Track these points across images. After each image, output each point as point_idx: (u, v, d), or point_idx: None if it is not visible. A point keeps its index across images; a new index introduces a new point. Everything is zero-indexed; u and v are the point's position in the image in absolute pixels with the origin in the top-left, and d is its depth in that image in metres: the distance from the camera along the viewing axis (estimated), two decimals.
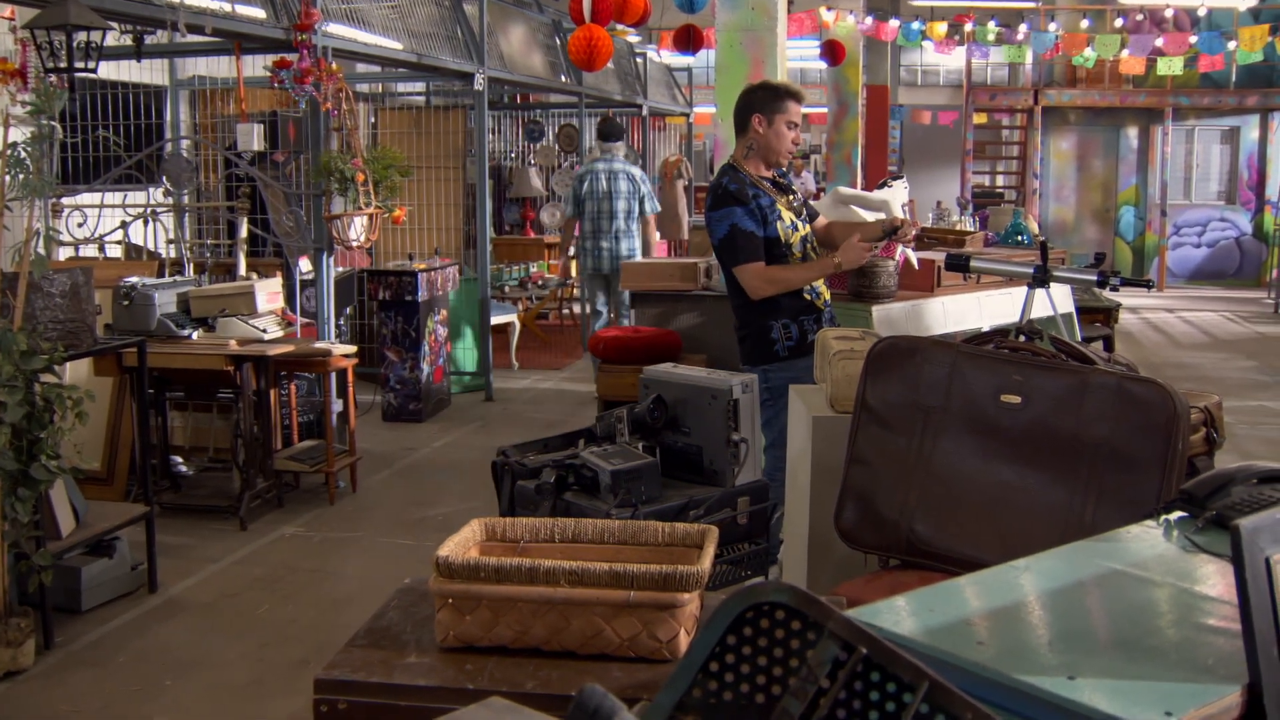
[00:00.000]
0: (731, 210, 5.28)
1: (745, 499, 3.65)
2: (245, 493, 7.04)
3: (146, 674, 5.08)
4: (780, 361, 5.34)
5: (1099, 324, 8.76)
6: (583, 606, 2.28)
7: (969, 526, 3.80)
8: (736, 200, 5.27)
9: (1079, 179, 22.19)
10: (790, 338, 5.35)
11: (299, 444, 7.81)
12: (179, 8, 6.28)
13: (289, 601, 5.92)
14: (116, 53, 7.35)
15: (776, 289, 5.31)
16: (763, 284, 5.28)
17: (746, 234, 5.26)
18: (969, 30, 17.09)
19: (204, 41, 7.92)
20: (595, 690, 1.36)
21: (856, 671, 1.41)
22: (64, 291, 5.49)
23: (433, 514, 7.29)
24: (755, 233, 5.26)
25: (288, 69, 7.19)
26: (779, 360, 5.34)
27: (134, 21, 6.71)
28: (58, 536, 5.43)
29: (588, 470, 3.46)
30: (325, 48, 7.70)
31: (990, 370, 3.86)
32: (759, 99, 5.40)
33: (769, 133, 5.34)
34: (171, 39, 8.50)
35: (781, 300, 5.32)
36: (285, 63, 7.19)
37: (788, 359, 5.34)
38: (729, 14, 7.97)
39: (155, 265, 8.26)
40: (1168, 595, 2.04)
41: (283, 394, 7.81)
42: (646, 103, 15.90)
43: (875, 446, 3.99)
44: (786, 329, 5.35)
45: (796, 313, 5.35)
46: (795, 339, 5.35)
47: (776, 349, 5.35)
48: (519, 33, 12.42)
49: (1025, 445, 3.74)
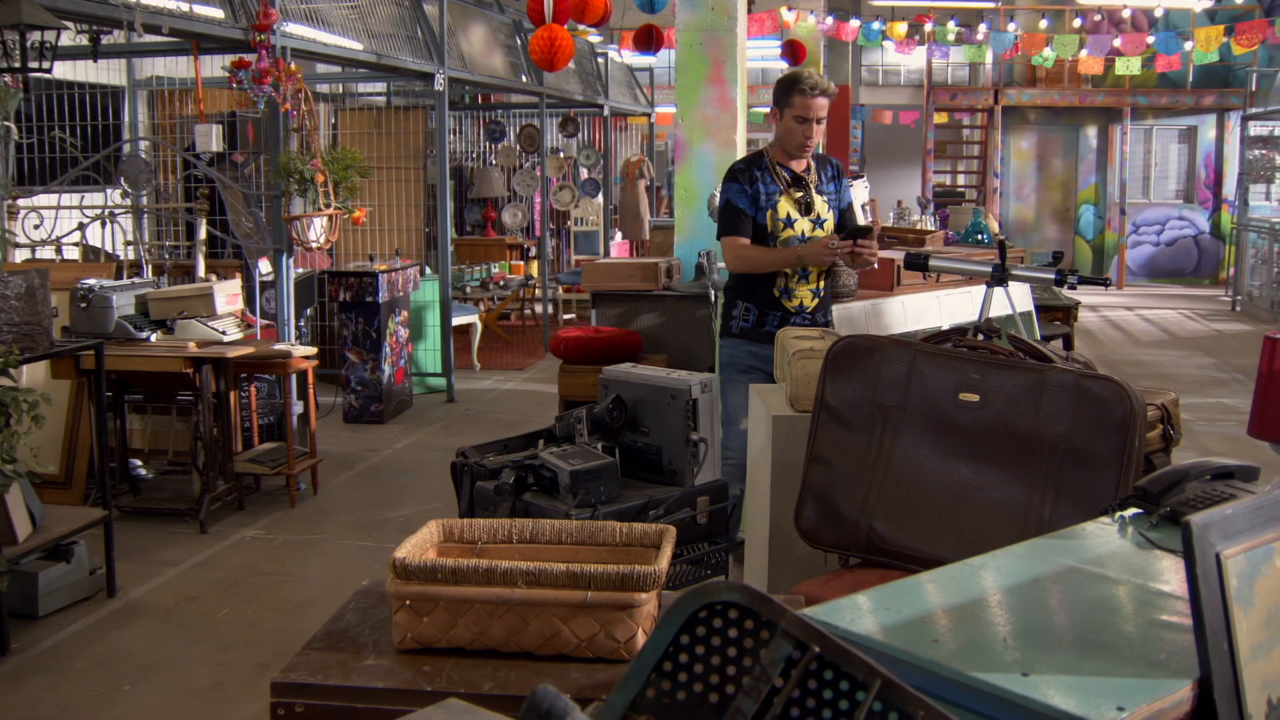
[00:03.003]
0: (730, 185, 5.47)
1: (705, 498, 3.65)
2: (205, 495, 7.00)
3: (105, 679, 5.04)
4: (731, 337, 5.50)
5: (1058, 322, 8.80)
6: (540, 607, 2.27)
7: (928, 525, 3.81)
8: (737, 177, 5.47)
9: (1039, 178, 22.31)
10: (746, 320, 5.48)
11: (259, 446, 7.77)
12: (135, 7, 6.23)
13: (249, 605, 5.89)
14: (73, 53, 7.30)
15: (744, 266, 5.48)
16: (733, 258, 5.47)
17: (737, 210, 5.43)
18: (929, 30, 17.15)
19: (161, 41, 7.87)
20: (548, 691, 1.36)
21: (810, 670, 1.41)
22: (19, 294, 5.44)
23: (394, 516, 7.26)
24: (745, 210, 5.42)
25: (246, 69, 7.16)
26: (731, 335, 5.50)
27: (89, 21, 6.66)
28: (14, 541, 5.38)
29: (547, 471, 3.46)
30: (284, 48, 7.66)
31: (949, 369, 3.87)
32: (777, 91, 5.53)
33: (780, 125, 5.49)
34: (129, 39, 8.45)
35: (755, 287, 5.45)
36: (244, 63, 7.16)
37: (738, 336, 5.48)
38: (689, 14, 7.96)
39: (113, 267, 8.22)
40: (1123, 591, 2.05)
41: (243, 396, 7.77)
42: (608, 103, 15.88)
43: (835, 445, 4.00)
44: (747, 311, 5.48)
45: (762, 303, 5.45)
46: (750, 323, 5.47)
47: (731, 324, 5.51)
48: (479, 33, 12.39)
49: (984, 443, 3.76)
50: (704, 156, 7.88)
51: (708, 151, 7.88)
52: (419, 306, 10.77)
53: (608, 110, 16.07)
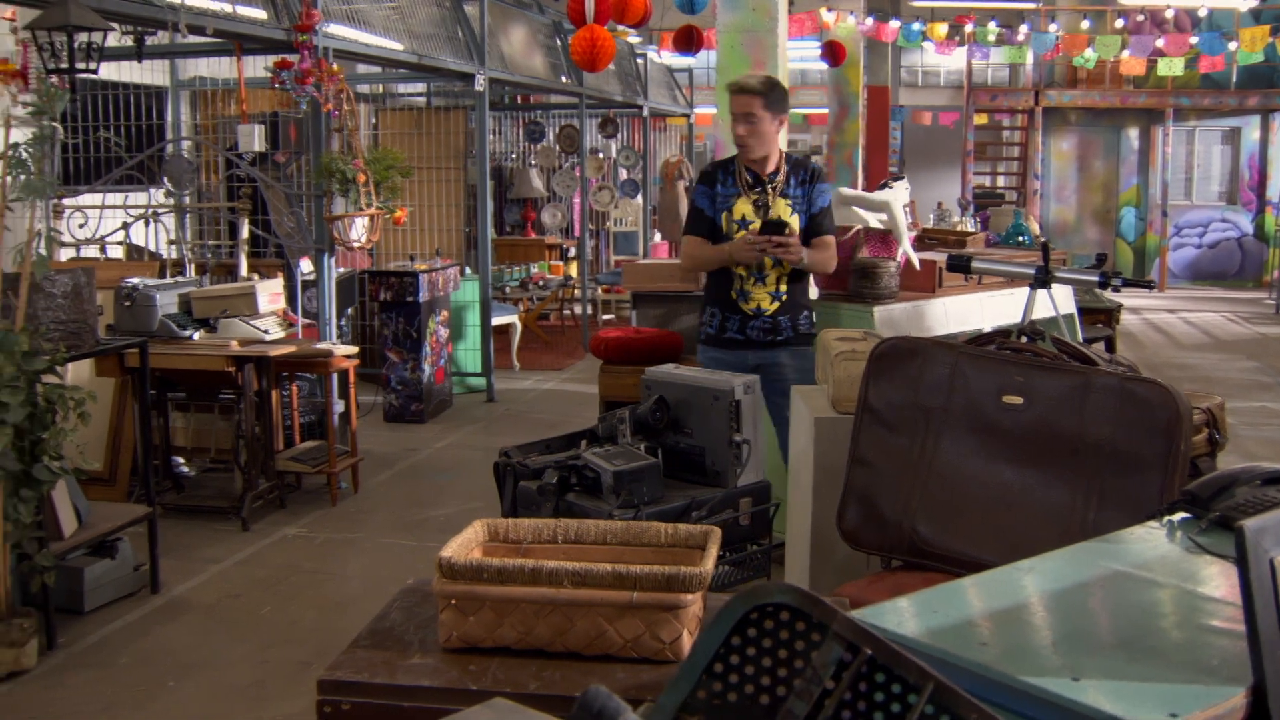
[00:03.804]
0: (698, 186, 5.65)
1: (747, 499, 3.64)
2: (247, 493, 7.04)
3: (149, 675, 5.08)
4: (700, 344, 5.68)
5: (1100, 325, 8.76)
6: (586, 607, 2.28)
7: (971, 527, 3.80)
8: (703, 179, 5.63)
9: (1080, 180, 22.20)
10: (711, 326, 5.60)
11: (301, 445, 7.80)
12: (180, 8, 6.28)
13: (291, 602, 5.92)
14: (118, 53, 7.35)
15: (690, 264, 5.75)
16: (683, 255, 5.71)
17: (696, 210, 5.58)
18: (969, 31, 17.08)
19: (205, 42, 7.92)
20: (599, 691, 1.36)
21: (861, 672, 1.41)
22: (66, 292, 5.49)
23: (435, 515, 7.28)
24: (704, 210, 5.54)
25: (288, 70, 7.19)
26: (700, 342, 5.68)
27: (135, 22, 6.71)
28: (60, 537, 5.43)
29: (590, 471, 3.46)
30: (326, 48, 7.70)
31: (992, 371, 3.86)
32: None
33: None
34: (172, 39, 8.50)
35: (716, 290, 5.57)
36: (286, 63, 7.19)
37: (704, 342, 5.64)
38: (730, 15, 7.96)
39: (156, 266, 8.27)
40: (1171, 596, 2.04)
41: (284, 395, 7.80)
42: (647, 103, 15.88)
43: (878, 447, 3.99)
44: (712, 316, 5.60)
45: (721, 305, 5.55)
46: (714, 330, 5.58)
47: (701, 331, 5.68)
48: (520, 33, 12.42)
49: (1027, 446, 3.75)
50: None
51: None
52: (459, 306, 10.80)
53: (647, 111, 16.08)
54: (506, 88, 14.44)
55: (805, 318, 5.56)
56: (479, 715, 1.72)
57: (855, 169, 16.65)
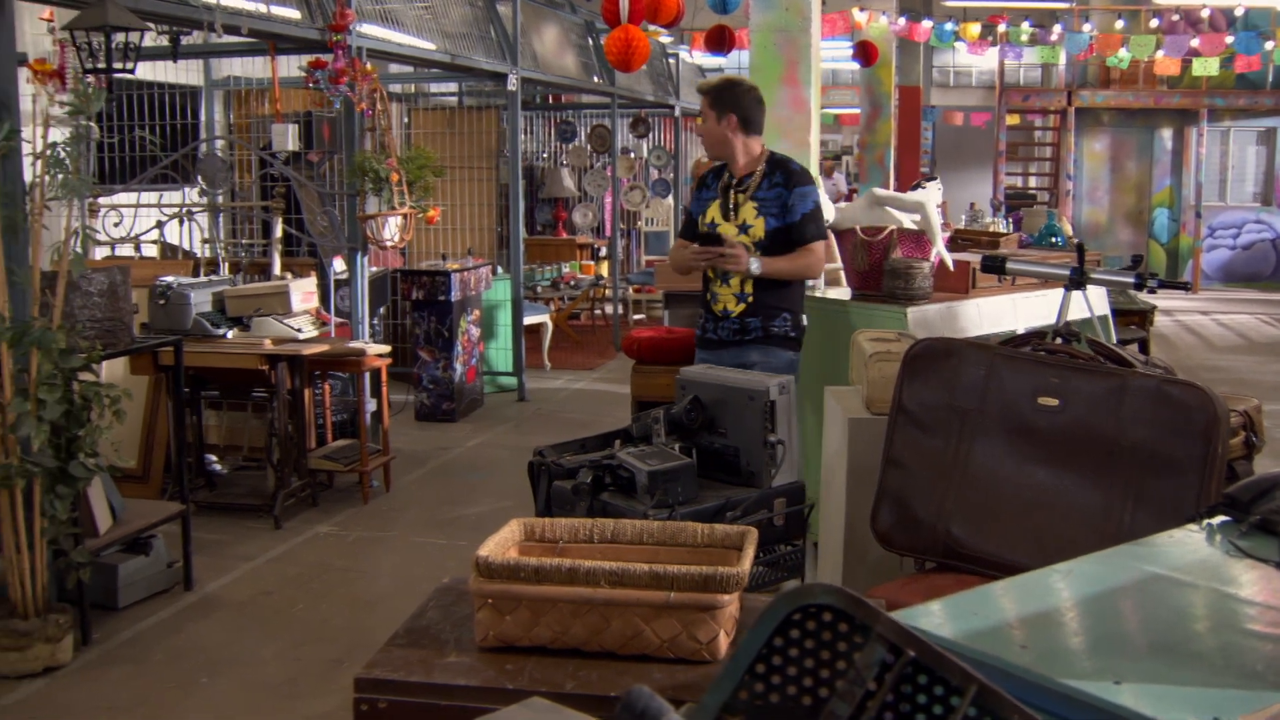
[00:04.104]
0: (695, 189, 5.78)
1: (781, 500, 3.64)
2: (280, 491, 7.07)
3: (182, 671, 5.10)
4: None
5: (1134, 326, 8.71)
6: (623, 607, 2.28)
7: (1006, 529, 3.79)
8: (699, 181, 5.74)
9: (1112, 180, 22.08)
10: (699, 328, 5.65)
11: (333, 443, 7.83)
12: (215, 9, 6.30)
13: (323, 600, 5.94)
14: (152, 53, 7.39)
15: (669, 266, 5.97)
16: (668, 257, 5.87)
17: (687, 212, 5.76)
18: (1002, 31, 17.02)
19: (239, 42, 7.95)
20: (642, 691, 1.36)
21: (904, 674, 1.41)
22: (102, 290, 5.52)
23: (466, 514, 7.30)
24: (692, 213, 5.65)
25: (323, 69, 7.21)
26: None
27: (171, 22, 6.74)
28: (95, 534, 5.47)
29: (624, 471, 3.46)
30: (359, 48, 7.72)
31: (1028, 372, 3.85)
32: None
33: None
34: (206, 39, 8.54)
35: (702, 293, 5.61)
36: (320, 63, 7.22)
37: (697, 345, 5.66)
38: (763, 14, 7.94)
39: (190, 265, 8.31)
40: (1211, 600, 2.02)
41: (317, 393, 7.83)
42: (679, 103, 15.88)
43: (912, 449, 3.99)
44: (698, 318, 5.67)
45: (703, 307, 5.60)
46: (700, 331, 5.62)
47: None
48: (552, 33, 12.43)
49: (1063, 448, 3.73)
50: None
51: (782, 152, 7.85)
52: (490, 305, 10.82)
53: (679, 111, 16.07)
54: (538, 87, 14.45)
55: (783, 320, 5.42)
56: (517, 715, 1.73)
57: (887, 169, 16.62)
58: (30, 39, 7.77)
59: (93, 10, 5.52)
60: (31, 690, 4.89)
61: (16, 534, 4.98)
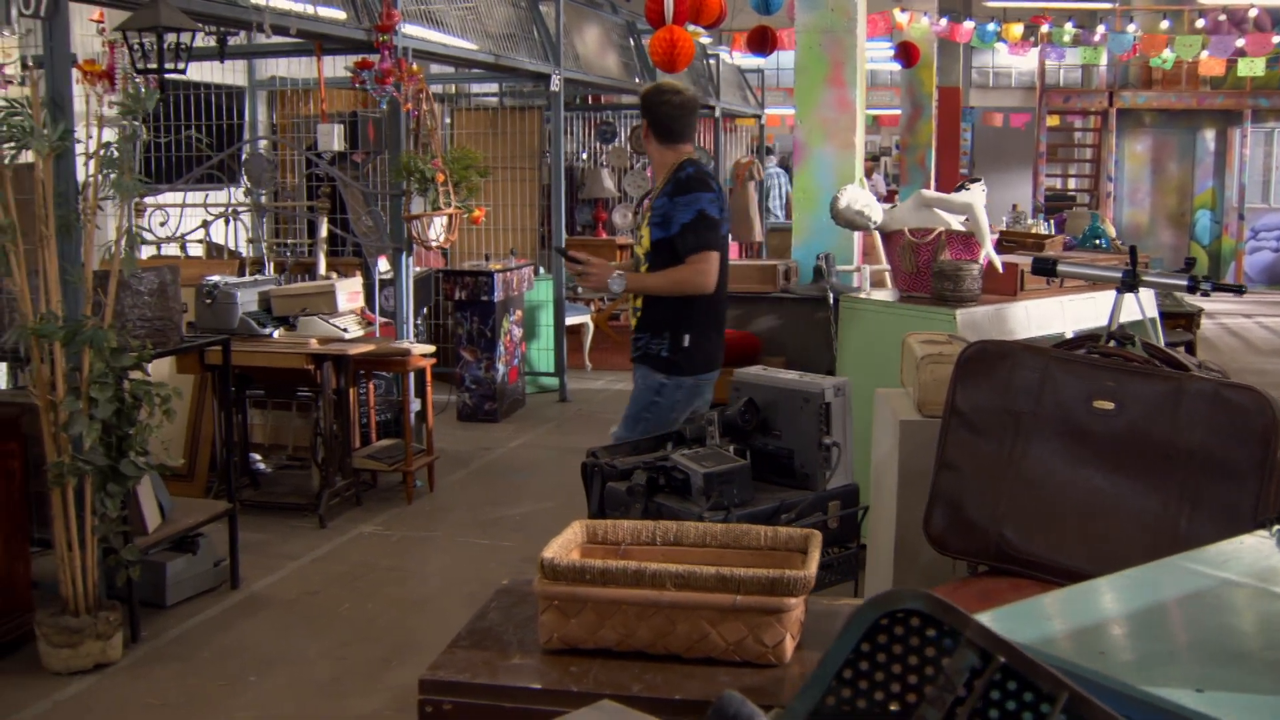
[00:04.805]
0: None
1: (836, 503, 3.62)
2: (325, 491, 7.08)
3: (230, 670, 5.12)
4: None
5: (1180, 329, 8.65)
6: (689, 610, 2.27)
7: (1060, 533, 3.76)
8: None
9: (1154, 182, 21.93)
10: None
11: (377, 443, 7.85)
12: (264, 10, 6.33)
13: (369, 600, 5.95)
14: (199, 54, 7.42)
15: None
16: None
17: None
18: (1045, 32, 16.93)
19: (284, 42, 7.98)
20: (734, 697, 1.35)
21: (994, 680, 1.39)
22: (152, 290, 5.55)
23: (510, 514, 7.30)
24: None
25: (369, 70, 7.23)
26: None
27: (221, 23, 6.76)
28: (144, 532, 5.50)
29: (679, 472, 3.45)
30: (405, 48, 7.73)
31: (1083, 376, 3.82)
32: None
33: None
34: (250, 39, 8.58)
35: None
36: (367, 63, 7.23)
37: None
38: (808, 15, 7.92)
39: (236, 264, 8.34)
40: None
41: (361, 393, 7.85)
42: (719, 104, 15.85)
43: (965, 451, 3.96)
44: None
45: None
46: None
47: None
48: (593, 34, 12.43)
49: (1118, 452, 3.70)
50: (823, 159, 7.85)
51: (827, 154, 7.85)
52: (532, 306, 10.83)
53: (719, 111, 16.04)
54: (579, 88, 14.45)
55: (663, 340, 5.09)
56: (588, 717, 1.72)
57: (928, 171, 16.55)
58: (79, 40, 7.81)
59: (145, 11, 5.55)
60: (83, 686, 4.92)
61: (68, 531, 5.01)
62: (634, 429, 5.10)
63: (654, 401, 5.08)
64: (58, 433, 4.96)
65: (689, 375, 5.08)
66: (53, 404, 4.95)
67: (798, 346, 7.18)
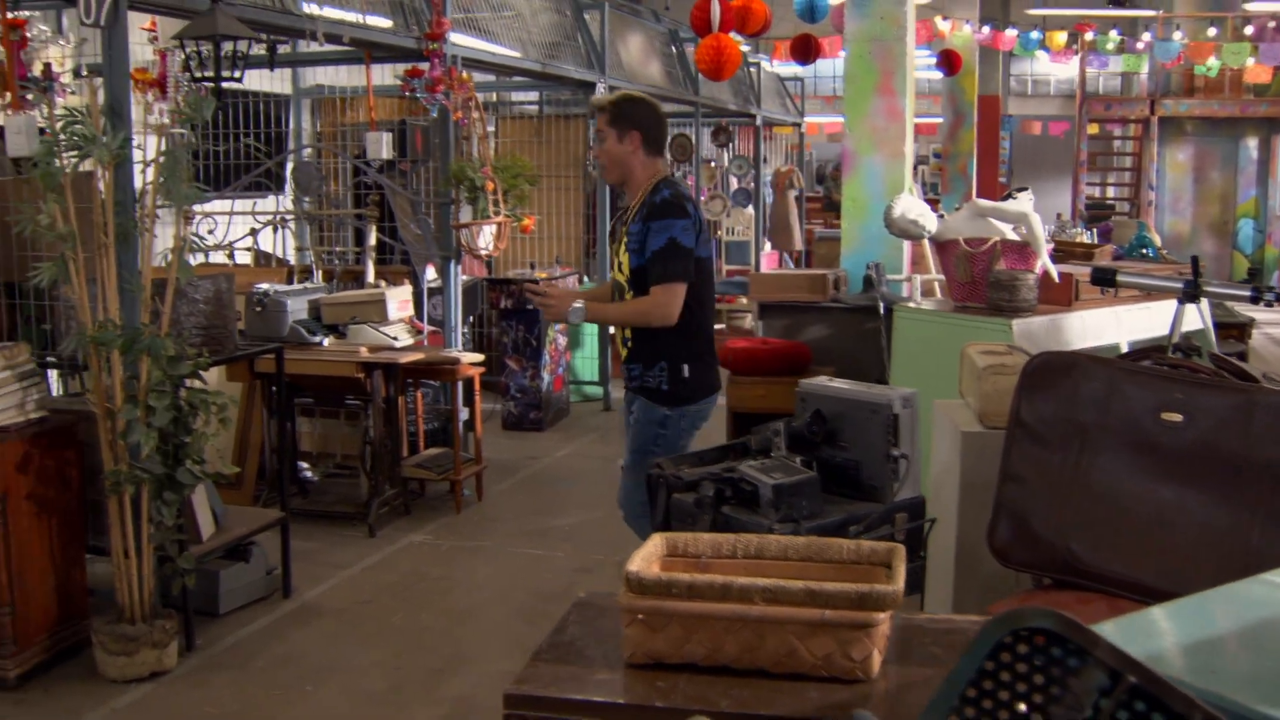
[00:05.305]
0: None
1: (903, 515, 3.59)
2: (374, 500, 7.08)
3: (286, 678, 5.12)
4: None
5: (1233, 339, 8.58)
6: (777, 625, 2.24)
7: (1128, 547, 3.71)
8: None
9: (1195, 191, 21.78)
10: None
11: (426, 452, 7.84)
12: (318, 19, 6.34)
13: (421, 609, 5.94)
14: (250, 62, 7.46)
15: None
16: None
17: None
18: (1089, 39, 16.84)
19: (330, 51, 7.98)
20: (866, 715, 1.32)
21: (1122, 701, 1.36)
22: (208, 298, 5.56)
23: (559, 524, 7.28)
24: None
25: (419, 78, 7.24)
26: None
27: (276, 32, 6.79)
28: (199, 540, 5.50)
29: (747, 484, 3.42)
30: (454, 57, 7.74)
31: (1151, 387, 3.77)
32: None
33: None
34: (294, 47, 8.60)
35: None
36: (417, 72, 7.25)
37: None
38: (858, 23, 7.90)
39: (284, 272, 8.36)
40: None
41: (409, 401, 7.85)
42: (760, 112, 15.83)
43: (1030, 463, 3.92)
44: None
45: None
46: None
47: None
48: (637, 41, 12.43)
49: (1187, 465, 3.65)
50: (873, 168, 7.82)
51: (876, 163, 7.82)
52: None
53: (760, 120, 16.02)
54: None
55: (659, 371, 4.84)
56: None
57: (970, 179, 16.49)
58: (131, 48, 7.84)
59: (203, 19, 5.56)
60: (139, 694, 4.92)
61: (125, 539, 5.03)
62: (643, 462, 4.95)
63: (660, 434, 4.89)
64: (115, 441, 4.97)
65: (692, 404, 4.92)
66: (110, 412, 4.96)
67: (848, 356, 7.15)
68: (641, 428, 4.93)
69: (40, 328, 5.64)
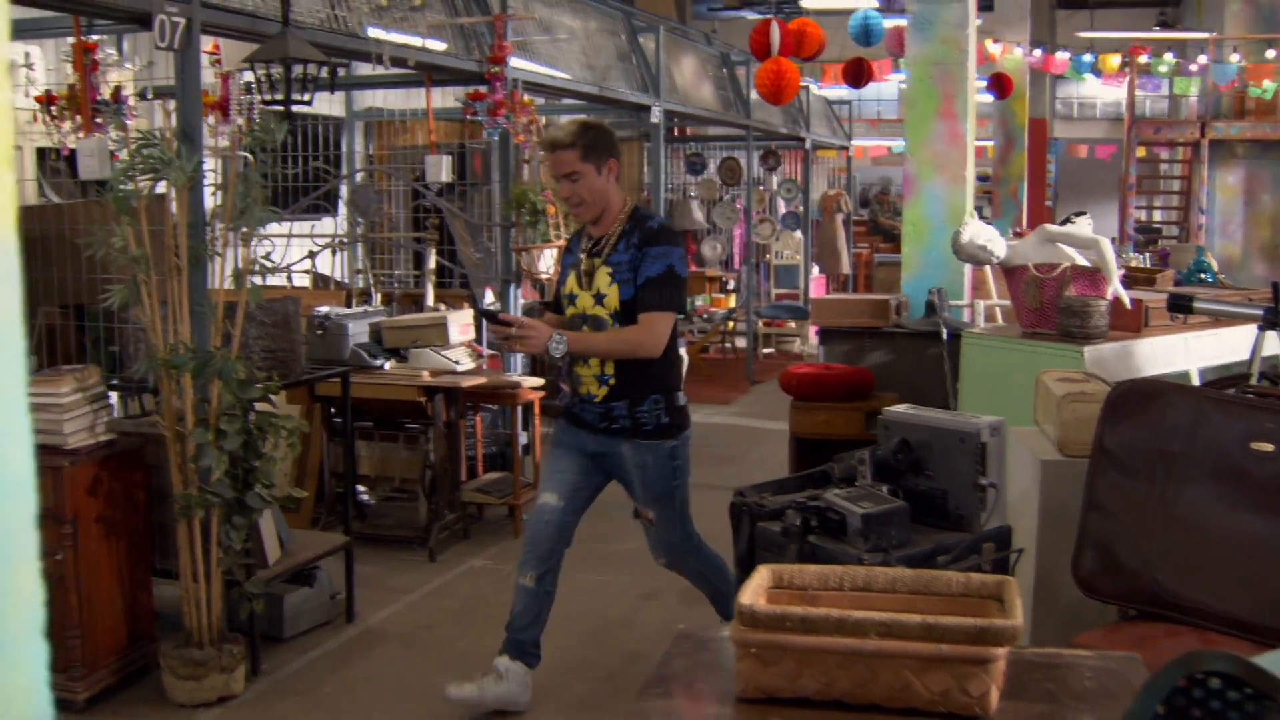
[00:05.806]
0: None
1: (990, 545, 3.54)
2: (434, 524, 7.06)
3: (354, 704, 5.09)
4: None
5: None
6: (892, 659, 2.20)
7: (1216, 578, 3.66)
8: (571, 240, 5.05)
9: (1246, 214, 21.57)
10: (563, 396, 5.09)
11: (485, 476, 7.82)
12: (384, 43, 6.36)
13: (485, 635, 5.89)
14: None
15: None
16: None
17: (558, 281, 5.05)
18: (1143, 62, 16.74)
19: (387, 74, 8.01)
20: None
21: None
22: (276, 321, 5.56)
23: (619, 549, 7.23)
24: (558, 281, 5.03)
25: (481, 101, 7.25)
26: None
27: (344, 55, 6.81)
28: (265, 565, 5.49)
29: (834, 513, 3.38)
30: (515, 80, 7.74)
31: (1239, 416, 3.72)
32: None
33: None
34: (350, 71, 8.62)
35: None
36: (479, 95, 7.26)
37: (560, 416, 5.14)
38: (919, 47, 7.86)
39: (343, 295, 8.36)
40: None
41: (468, 425, 7.84)
42: (809, 135, 15.80)
43: (1114, 493, 3.86)
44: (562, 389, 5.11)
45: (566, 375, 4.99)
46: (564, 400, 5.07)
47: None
48: (690, 65, 12.43)
49: (1278, 496, 3.60)
50: (934, 192, 7.77)
51: (937, 187, 7.77)
52: None
53: (809, 144, 15.99)
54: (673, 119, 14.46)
55: (653, 404, 4.68)
56: None
57: (1021, 203, 16.40)
58: None
59: (274, 43, 5.58)
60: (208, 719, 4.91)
61: (194, 563, 5.02)
62: (673, 504, 4.85)
63: (676, 466, 4.77)
64: (185, 464, 4.96)
65: (688, 428, 4.82)
66: (181, 435, 4.96)
67: (910, 382, 7.09)
68: (655, 470, 4.77)
69: (108, 350, 5.65)
